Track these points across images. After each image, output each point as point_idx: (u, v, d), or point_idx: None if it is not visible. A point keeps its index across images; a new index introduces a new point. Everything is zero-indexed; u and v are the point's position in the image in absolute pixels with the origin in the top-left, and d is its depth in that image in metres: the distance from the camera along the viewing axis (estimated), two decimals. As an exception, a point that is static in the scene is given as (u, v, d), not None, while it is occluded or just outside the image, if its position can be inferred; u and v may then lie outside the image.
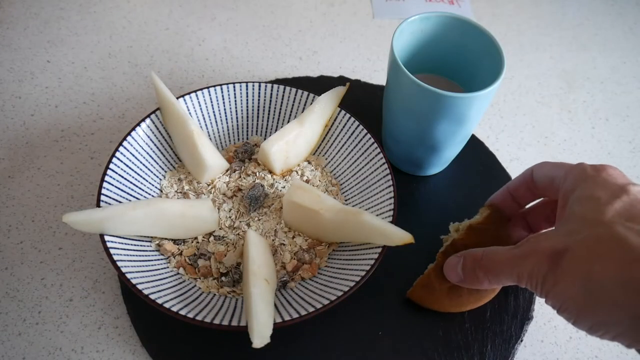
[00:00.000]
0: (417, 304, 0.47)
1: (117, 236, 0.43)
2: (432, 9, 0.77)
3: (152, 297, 0.39)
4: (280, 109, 0.54)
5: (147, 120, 0.49)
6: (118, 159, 0.46)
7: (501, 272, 0.37)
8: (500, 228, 0.45)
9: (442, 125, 0.47)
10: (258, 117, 0.54)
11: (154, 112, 0.50)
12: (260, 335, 0.36)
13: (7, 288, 0.48)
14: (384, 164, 0.48)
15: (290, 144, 0.50)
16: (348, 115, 0.52)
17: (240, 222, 0.48)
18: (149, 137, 0.49)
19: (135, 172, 0.48)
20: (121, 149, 0.47)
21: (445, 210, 0.54)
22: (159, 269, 0.44)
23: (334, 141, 0.53)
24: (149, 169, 0.49)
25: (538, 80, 0.70)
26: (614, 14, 0.80)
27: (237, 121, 0.54)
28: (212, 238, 0.47)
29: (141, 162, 0.49)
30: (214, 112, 0.53)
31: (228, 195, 0.50)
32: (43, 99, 0.61)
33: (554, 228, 0.37)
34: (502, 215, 0.46)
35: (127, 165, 0.47)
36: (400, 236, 0.41)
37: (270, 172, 0.51)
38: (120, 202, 0.45)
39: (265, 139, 0.54)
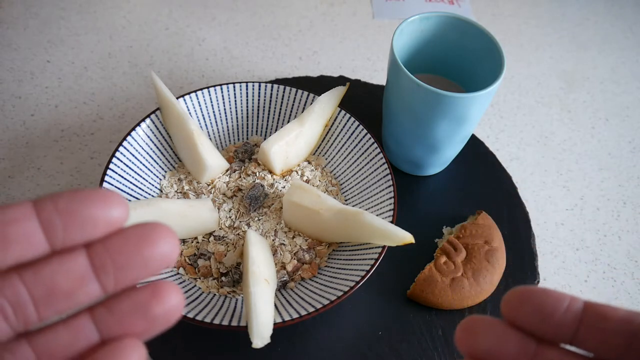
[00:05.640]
0: (418, 302, 0.47)
1: (117, 236, 0.43)
2: (432, 9, 0.77)
3: (152, 297, 0.39)
4: (280, 109, 0.54)
5: (147, 120, 0.49)
6: (118, 159, 0.46)
7: None
8: (489, 229, 0.50)
9: (442, 125, 0.47)
10: (258, 117, 0.54)
11: (154, 112, 0.50)
12: (260, 336, 0.36)
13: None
14: (384, 164, 0.48)
15: (290, 144, 0.50)
16: (348, 115, 0.52)
17: (240, 222, 0.48)
18: (149, 137, 0.49)
19: (135, 172, 0.48)
20: (121, 149, 0.47)
21: (445, 210, 0.54)
22: (159, 269, 0.44)
23: (334, 141, 0.53)
24: (149, 169, 0.49)
25: (538, 80, 0.70)
26: (614, 14, 0.80)
27: (237, 121, 0.54)
28: (212, 238, 0.47)
29: (141, 162, 0.49)
30: (214, 112, 0.53)
31: (228, 195, 0.50)
32: (43, 99, 0.61)
33: None
34: (490, 221, 0.50)
35: (127, 166, 0.47)
36: (401, 236, 0.41)
37: (270, 172, 0.51)
38: (120, 202, 0.45)
39: (265, 139, 0.54)
